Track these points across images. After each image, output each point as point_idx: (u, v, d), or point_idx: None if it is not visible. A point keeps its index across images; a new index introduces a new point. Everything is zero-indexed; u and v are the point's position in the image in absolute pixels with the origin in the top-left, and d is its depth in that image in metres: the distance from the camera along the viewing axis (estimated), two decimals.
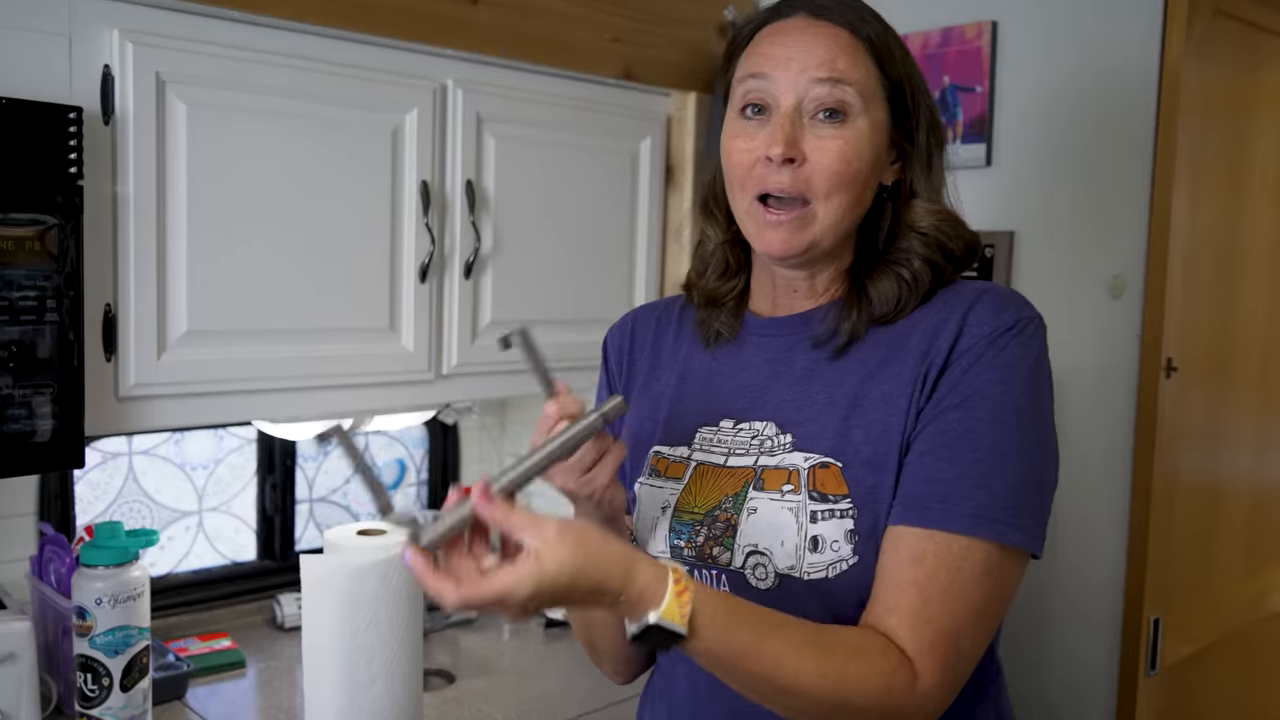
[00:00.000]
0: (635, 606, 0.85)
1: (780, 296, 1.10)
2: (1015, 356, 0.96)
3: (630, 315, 1.25)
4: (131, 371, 1.55)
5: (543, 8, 1.95)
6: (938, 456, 0.94)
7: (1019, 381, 0.95)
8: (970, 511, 0.92)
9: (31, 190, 1.39)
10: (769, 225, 1.01)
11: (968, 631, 0.92)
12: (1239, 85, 1.96)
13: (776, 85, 1.00)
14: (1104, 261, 1.83)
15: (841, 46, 1.00)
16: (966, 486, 0.93)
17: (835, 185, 0.99)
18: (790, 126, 0.99)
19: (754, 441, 1.05)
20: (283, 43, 1.66)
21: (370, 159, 1.77)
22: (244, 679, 1.88)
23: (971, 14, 1.98)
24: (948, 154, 1.08)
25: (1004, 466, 0.94)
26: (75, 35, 1.47)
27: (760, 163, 1.00)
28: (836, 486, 0.99)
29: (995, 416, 0.94)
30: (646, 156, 2.18)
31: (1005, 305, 0.98)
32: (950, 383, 0.96)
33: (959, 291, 1.02)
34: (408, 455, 2.53)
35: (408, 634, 1.58)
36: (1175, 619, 1.88)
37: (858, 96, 0.99)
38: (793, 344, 1.07)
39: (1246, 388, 2.10)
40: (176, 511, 2.17)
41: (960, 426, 0.94)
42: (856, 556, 0.97)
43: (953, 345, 0.97)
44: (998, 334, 0.96)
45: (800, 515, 0.99)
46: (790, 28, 1.02)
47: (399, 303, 1.84)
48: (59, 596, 1.68)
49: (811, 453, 1.01)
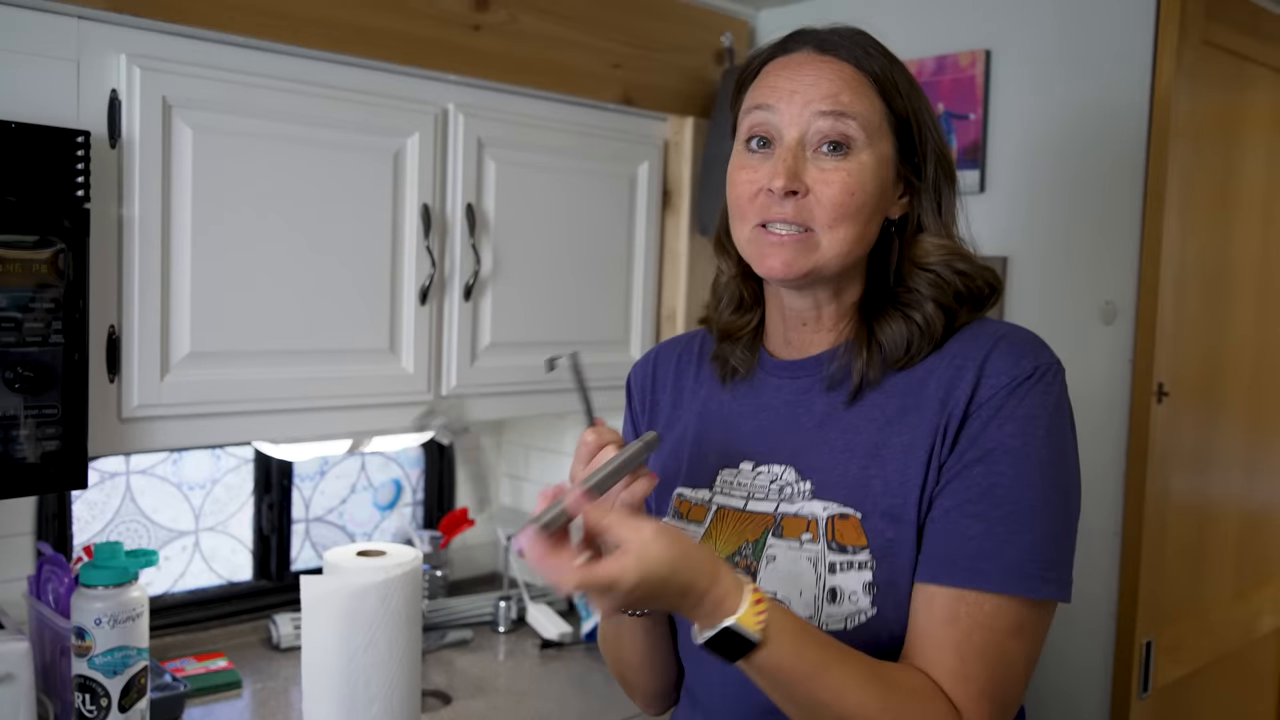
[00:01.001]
0: (714, 611, 0.87)
1: (791, 332, 1.10)
2: (1035, 406, 0.96)
3: (653, 352, 1.26)
4: (135, 392, 1.56)
5: (544, 34, 1.98)
6: (964, 513, 0.95)
7: (1041, 432, 0.96)
8: (1000, 569, 0.93)
9: (39, 212, 1.41)
10: (771, 246, 1.01)
11: (1007, 685, 0.94)
12: (1227, 113, 1.99)
13: (781, 118, 1.01)
14: (1096, 287, 1.85)
15: (846, 81, 1.01)
16: (994, 544, 0.93)
17: (838, 217, 0.99)
18: (793, 160, 0.99)
19: (773, 486, 1.05)
20: (287, 68, 1.69)
21: (372, 182, 1.79)
22: (240, 699, 1.87)
23: (965, 43, 2.01)
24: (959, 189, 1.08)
25: (1030, 521, 0.94)
26: (84, 60, 1.49)
27: (763, 194, 1.01)
28: (855, 538, 0.99)
29: (1019, 470, 0.95)
30: (644, 180, 2.20)
31: (1023, 353, 0.98)
32: (971, 436, 0.96)
33: (976, 336, 1.02)
34: (404, 475, 2.54)
35: (406, 655, 1.59)
36: (1167, 641, 1.90)
37: (861, 130, 1.00)
38: (810, 386, 1.07)
39: (1237, 411, 2.12)
40: (173, 531, 2.17)
41: (984, 482, 0.95)
42: (875, 609, 0.97)
43: (971, 396, 0.97)
44: (1016, 384, 0.96)
45: (819, 566, 0.99)
46: (796, 62, 1.03)
47: (399, 324, 1.85)
48: (57, 616, 1.68)
49: (830, 501, 1.01)
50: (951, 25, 2.03)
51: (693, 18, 2.22)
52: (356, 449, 2.07)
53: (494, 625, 2.26)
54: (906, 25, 2.09)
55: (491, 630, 2.25)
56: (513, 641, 2.21)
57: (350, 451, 2.12)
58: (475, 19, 1.87)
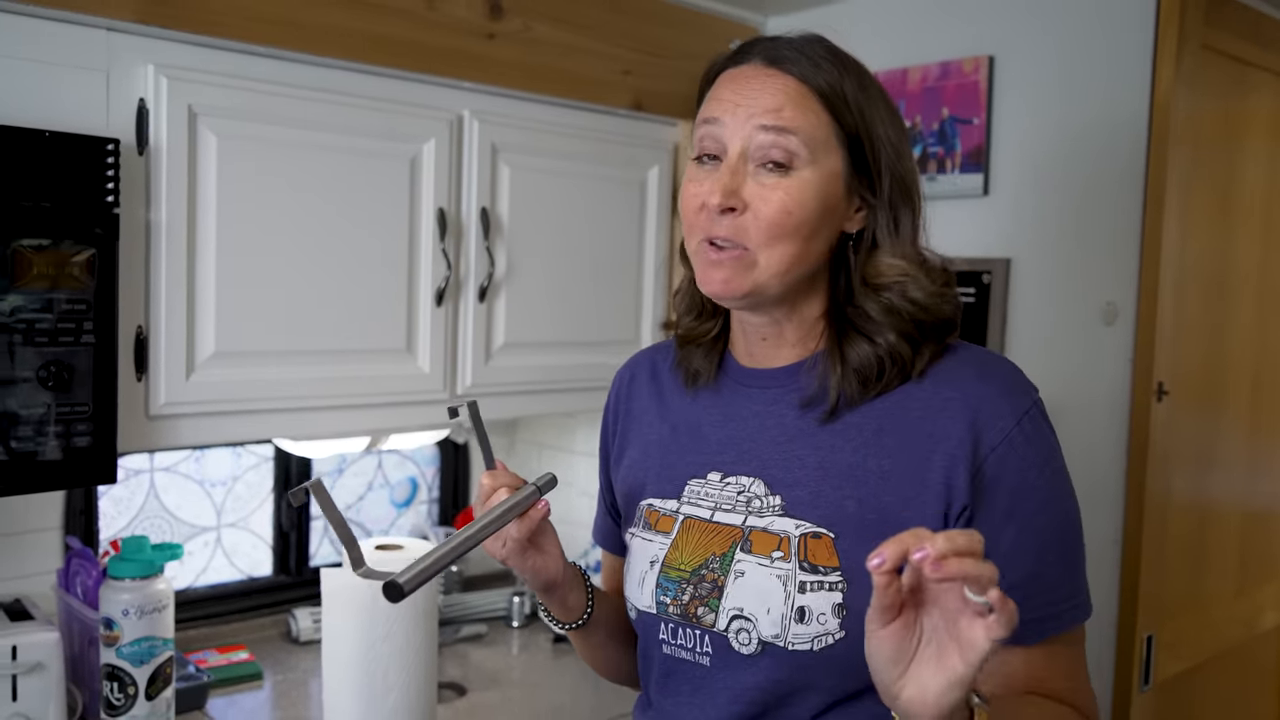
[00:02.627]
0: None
1: (753, 346, 1.09)
2: (1045, 446, 0.99)
3: (629, 364, 1.26)
4: (162, 391, 1.61)
5: (556, 42, 2.02)
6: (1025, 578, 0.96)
7: (1057, 463, 1.00)
8: (1063, 610, 0.98)
9: (71, 217, 1.46)
10: (711, 264, 1.00)
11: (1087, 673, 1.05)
12: (1227, 116, 2.02)
13: (725, 131, 1.00)
14: (1097, 288, 1.88)
15: (790, 95, 0.99)
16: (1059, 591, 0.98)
17: (774, 235, 0.98)
18: (730, 177, 0.98)
19: (740, 497, 1.04)
20: (307, 77, 1.73)
21: (389, 187, 1.84)
22: (261, 690, 1.92)
23: (969, 49, 2.05)
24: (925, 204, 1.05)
25: (1074, 555, 1.00)
26: (113, 71, 1.54)
27: (706, 209, 1.00)
28: (827, 558, 0.97)
29: (1051, 513, 0.98)
30: (655, 184, 2.24)
31: (1012, 389, 0.99)
32: (994, 486, 0.97)
33: (958, 364, 1.01)
34: (420, 473, 2.59)
35: (423, 646, 1.63)
36: (1168, 637, 1.93)
37: (803, 146, 0.98)
38: (779, 398, 1.06)
39: (1237, 410, 2.14)
40: (196, 527, 2.22)
41: (1032, 538, 0.97)
42: (844, 632, 0.96)
43: (974, 441, 0.97)
44: (1021, 427, 0.97)
45: (788, 584, 0.98)
46: (744, 74, 1.02)
47: (416, 325, 1.90)
48: (85, 608, 1.73)
49: (803, 520, 1.00)
50: (956, 32, 2.07)
51: (702, 24, 2.26)
52: (374, 447, 2.12)
53: (508, 620, 2.30)
54: (911, 32, 2.13)
55: (505, 625, 2.30)
56: (526, 636, 2.26)
57: (368, 449, 2.16)
58: (489, 28, 1.92)
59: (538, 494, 1.04)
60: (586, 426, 2.54)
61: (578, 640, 1.21)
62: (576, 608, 1.14)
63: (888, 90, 1.07)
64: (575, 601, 1.14)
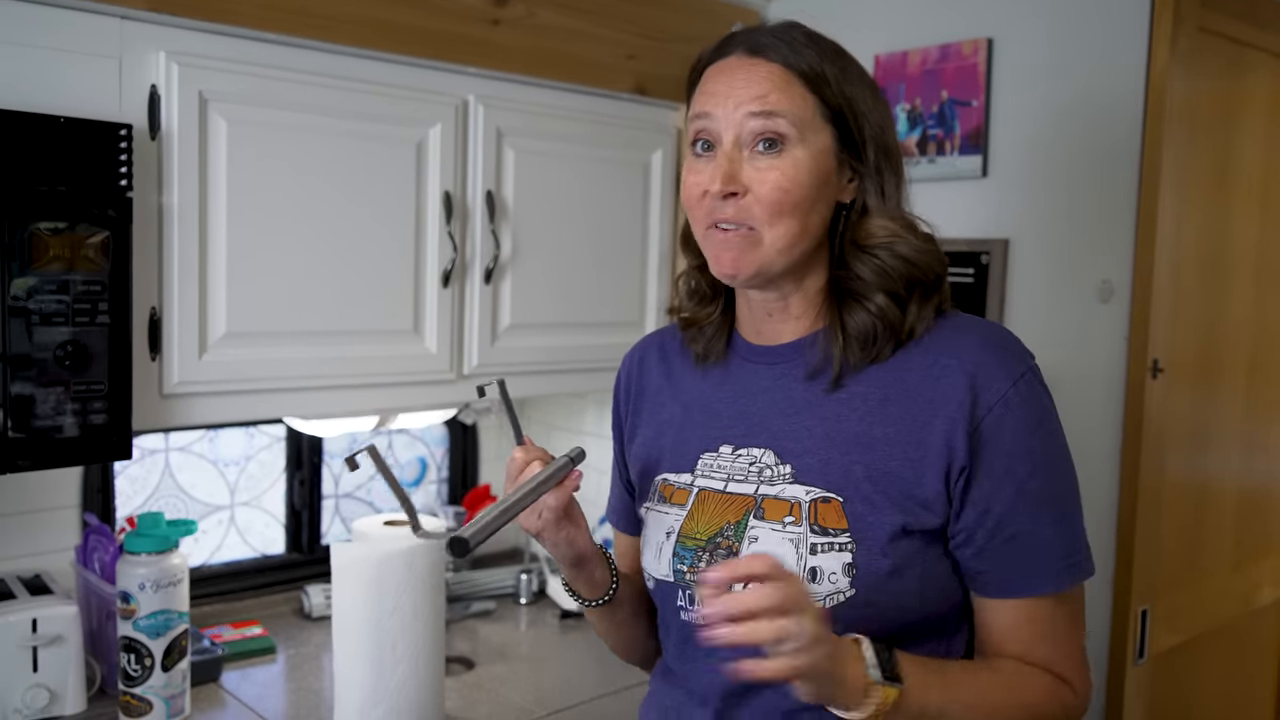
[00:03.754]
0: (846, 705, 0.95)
1: (760, 323, 1.15)
2: (1040, 408, 1.04)
3: (639, 345, 1.32)
4: (175, 370, 1.65)
5: (560, 27, 2.05)
6: (1021, 532, 1.03)
7: (1051, 429, 1.05)
8: (1058, 570, 1.04)
9: (86, 201, 1.50)
10: (720, 245, 1.06)
11: (1081, 641, 1.10)
12: (1223, 96, 2.04)
13: (717, 123, 1.06)
14: (1093, 267, 1.91)
15: (774, 81, 1.04)
16: (1052, 551, 1.04)
17: (775, 213, 1.04)
18: (729, 163, 1.04)
19: (752, 468, 1.10)
20: (316, 62, 1.77)
21: (396, 171, 1.87)
22: (274, 664, 1.97)
23: (968, 32, 2.07)
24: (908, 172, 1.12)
25: (1069, 516, 1.05)
26: (125, 57, 1.58)
27: (708, 196, 1.06)
28: (837, 521, 1.03)
29: (1047, 476, 1.04)
30: (658, 167, 2.27)
31: (1009, 355, 1.05)
32: (990, 450, 1.02)
33: (954, 332, 1.07)
34: (429, 453, 2.63)
35: (431, 619, 1.67)
36: (1163, 611, 1.96)
37: (792, 127, 1.03)
38: (787, 372, 1.12)
39: (1234, 388, 2.16)
40: (210, 506, 2.27)
41: (1024, 498, 1.02)
42: (854, 590, 1.02)
43: (972, 405, 1.02)
44: (1017, 391, 1.02)
45: (801, 546, 1.04)
46: (729, 66, 1.08)
47: (423, 307, 1.93)
48: (103, 583, 1.78)
49: (812, 486, 1.05)
50: (954, 15, 2.09)
51: (704, 9, 2.29)
52: (383, 426, 2.16)
53: (516, 597, 2.35)
54: (911, 15, 2.15)
55: (513, 602, 2.34)
56: (534, 612, 2.30)
57: (377, 429, 2.20)
58: (494, 13, 1.95)
59: (571, 465, 1.10)
60: (596, 407, 2.58)
61: (600, 617, 1.26)
62: (603, 583, 1.20)
63: (889, 72, 1.12)
64: (601, 577, 1.20)
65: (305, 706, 1.80)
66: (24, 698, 1.62)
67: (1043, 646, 1.05)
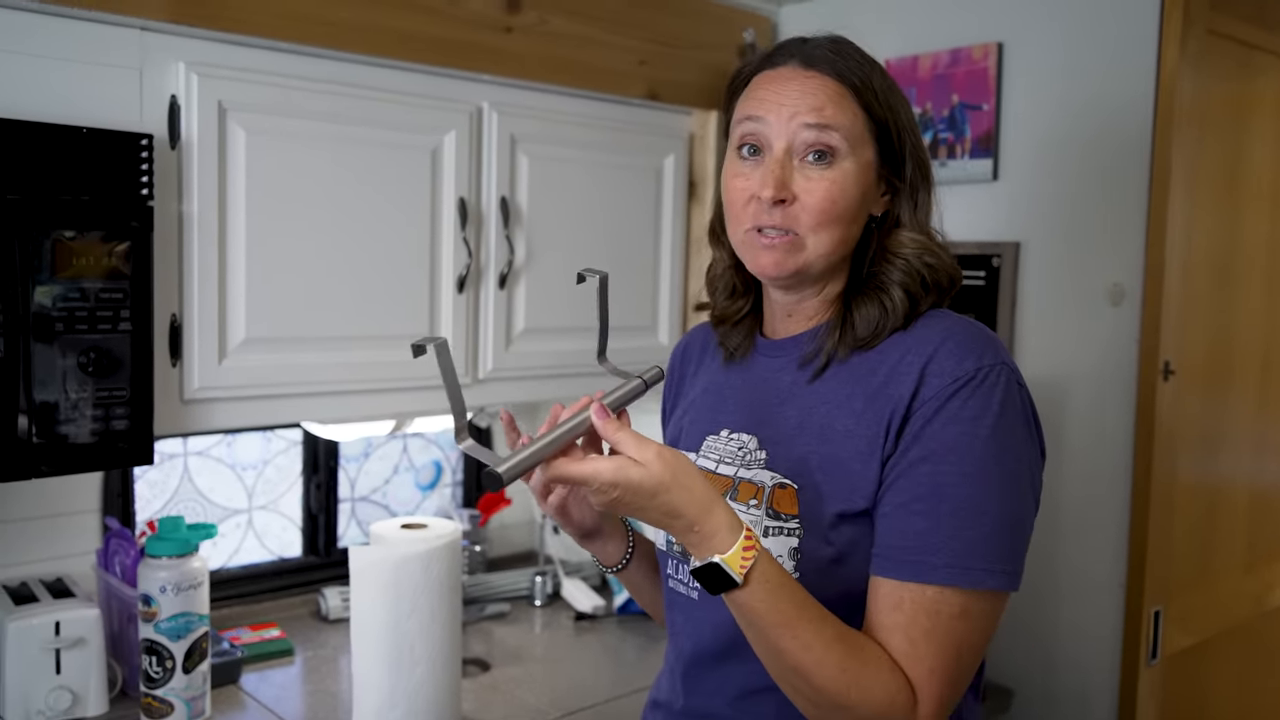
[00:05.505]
0: (702, 544, 0.95)
1: (778, 320, 1.20)
2: (979, 408, 1.00)
3: (689, 334, 1.39)
4: (195, 376, 1.67)
5: (573, 34, 2.06)
6: (910, 510, 1.00)
7: (984, 431, 1.00)
8: (946, 562, 0.98)
9: (108, 210, 1.52)
10: (763, 249, 1.09)
11: (956, 667, 0.99)
12: (1232, 99, 2.05)
13: (770, 129, 1.08)
14: (1104, 270, 1.92)
15: (829, 94, 1.07)
16: (940, 539, 0.98)
17: (822, 222, 1.07)
18: (780, 170, 1.07)
19: (739, 452, 1.15)
20: (332, 71, 1.79)
21: (411, 178, 1.89)
22: (292, 666, 1.98)
23: (979, 36, 2.08)
24: (936, 188, 1.15)
25: (975, 516, 0.98)
26: (146, 68, 1.60)
27: (754, 201, 1.08)
28: (789, 506, 1.07)
29: (964, 469, 0.99)
30: (670, 172, 2.29)
31: (966, 353, 1.03)
32: (913, 434, 1.02)
33: (927, 329, 1.08)
34: (443, 457, 2.65)
35: (448, 621, 1.69)
36: (1176, 612, 1.96)
37: (844, 140, 1.07)
38: (783, 365, 1.16)
39: (1246, 390, 2.17)
40: (228, 510, 2.29)
41: (930, 480, 1.00)
42: (798, 574, 1.05)
43: (914, 394, 1.03)
44: (959, 385, 1.01)
45: (756, 529, 1.08)
46: (783, 76, 1.10)
47: (438, 312, 1.95)
48: (124, 586, 1.79)
49: (777, 472, 1.10)
50: (965, 19, 2.10)
51: (716, 15, 2.30)
52: (399, 430, 2.17)
53: (530, 599, 2.36)
54: (922, 20, 2.16)
55: (528, 604, 2.36)
56: (548, 614, 2.31)
57: (393, 433, 2.22)
58: (507, 21, 1.96)
59: (645, 387, 1.11)
60: None
61: (625, 581, 1.33)
62: (615, 554, 1.27)
63: (900, 76, 1.15)
64: (614, 549, 1.27)
65: (323, 708, 1.81)
66: (47, 699, 1.64)
67: (901, 641, 0.99)
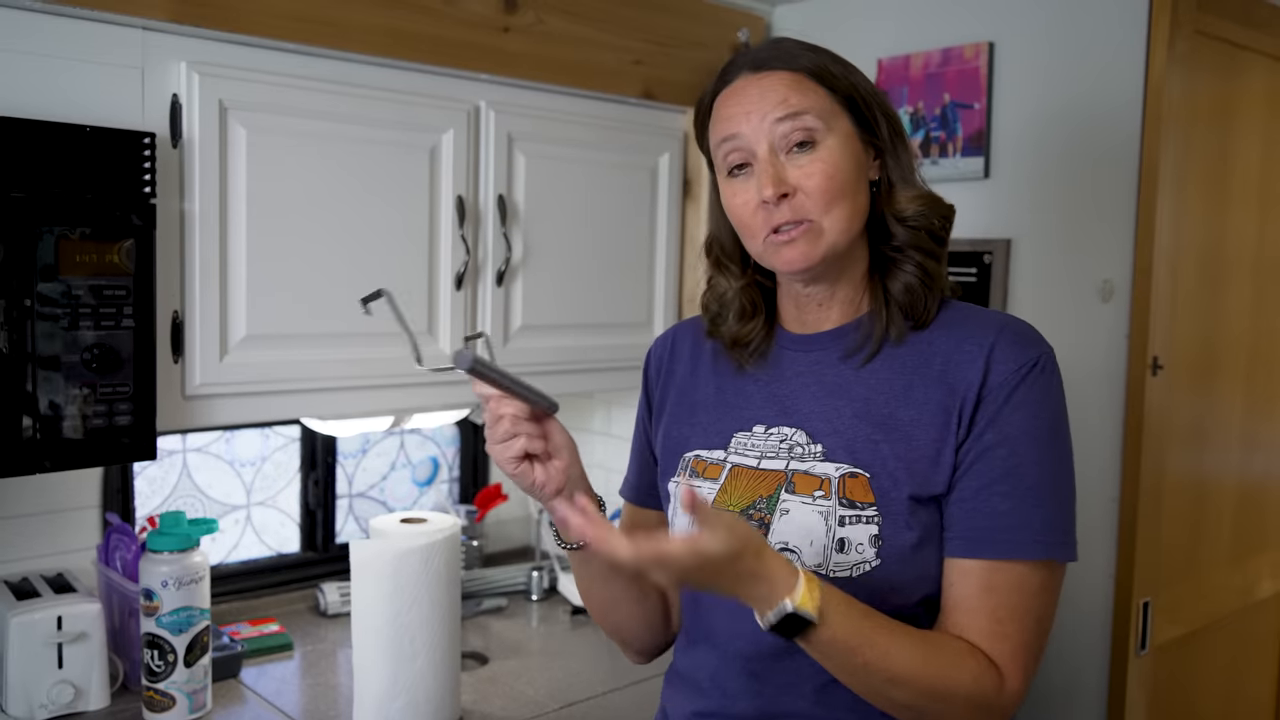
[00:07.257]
0: (769, 595, 0.94)
1: (808, 314, 1.19)
2: (1044, 391, 1.07)
3: (673, 329, 1.36)
4: (197, 372, 1.69)
5: (569, 34, 2.08)
6: (992, 493, 1.05)
7: (1050, 414, 1.07)
8: (1033, 539, 1.04)
9: (111, 208, 1.54)
10: (784, 246, 1.10)
11: (1036, 639, 1.06)
12: (1220, 98, 2.07)
13: (747, 140, 1.11)
14: (1094, 267, 1.94)
15: (788, 85, 1.11)
16: (1020, 518, 1.04)
17: (830, 200, 1.09)
18: (772, 168, 1.09)
19: (783, 446, 1.15)
20: (331, 71, 1.80)
21: (409, 176, 1.91)
22: (291, 660, 2.00)
23: (970, 36, 2.10)
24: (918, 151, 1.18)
25: (1050, 494, 1.06)
26: (147, 67, 1.62)
27: (760, 207, 1.10)
28: (864, 495, 1.08)
29: (1038, 450, 1.06)
30: (665, 171, 2.31)
31: (1027, 342, 1.09)
32: (987, 418, 1.06)
33: (981, 322, 1.12)
34: (440, 453, 2.66)
35: (447, 614, 1.71)
36: (1164, 603, 1.99)
37: (818, 120, 1.10)
38: (823, 358, 1.17)
39: (1233, 385, 2.20)
40: (226, 505, 2.31)
41: (1009, 462, 1.05)
42: (879, 560, 1.07)
43: (982, 382, 1.07)
44: (1025, 371, 1.07)
45: (829, 519, 1.09)
46: (739, 88, 1.13)
47: (436, 308, 1.97)
48: (125, 581, 1.81)
49: (841, 463, 1.11)
50: (956, 19, 2.13)
51: (710, 14, 2.32)
52: (397, 426, 2.19)
53: (527, 594, 2.38)
54: (913, 19, 2.18)
55: (525, 598, 2.38)
56: (545, 609, 2.33)
57: (391, 429, 2.24)
58: (504, 21, 1.98)
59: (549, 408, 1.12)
60: (604, 407, 2.61)
61: (577, 566, 1.26)
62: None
63: (892, 76, 1.16)
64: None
65: (323, 701, 1.83)
66: (49, 693, 1.66)
67: (988, 622, 1.04)
